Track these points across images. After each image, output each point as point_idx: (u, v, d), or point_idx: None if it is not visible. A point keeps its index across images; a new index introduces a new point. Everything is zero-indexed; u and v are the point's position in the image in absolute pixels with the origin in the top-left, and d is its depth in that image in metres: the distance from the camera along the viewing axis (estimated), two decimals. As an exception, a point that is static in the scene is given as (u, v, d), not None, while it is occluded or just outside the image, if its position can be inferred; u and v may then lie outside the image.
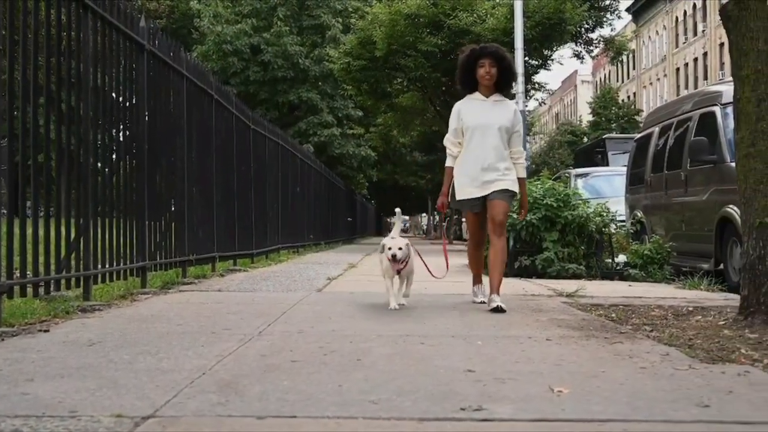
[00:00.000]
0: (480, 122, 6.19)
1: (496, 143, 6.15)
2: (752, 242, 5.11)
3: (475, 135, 6.18)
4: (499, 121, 6.19)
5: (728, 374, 3.33)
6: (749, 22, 5.17)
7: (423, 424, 2.45)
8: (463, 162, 6.24)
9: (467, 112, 6.28)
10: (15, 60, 4.79)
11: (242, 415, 2.53)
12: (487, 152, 6.15)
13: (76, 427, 2.35)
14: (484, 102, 6.30)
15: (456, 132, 6.30)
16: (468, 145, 6.22)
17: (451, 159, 6.34)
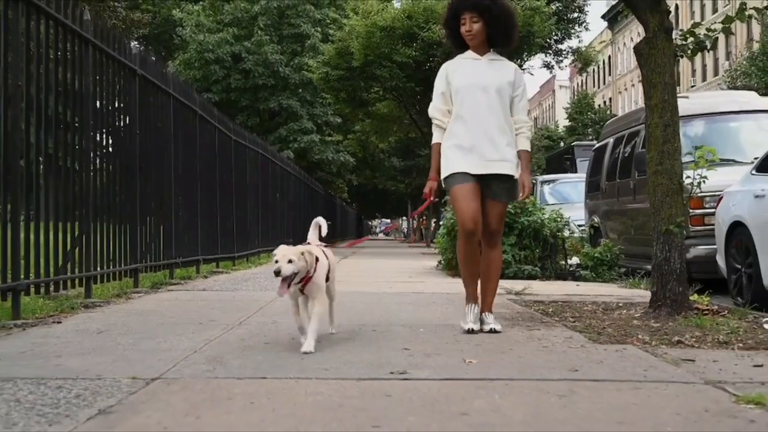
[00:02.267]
0: (472, 82, 5.09)
1: (493, 108, 5.06)
2: (659, 246, 5.99)
3: (467, 98, 5.07)
4: (497, 81, 5.09)
5: (609, 351, 4.22)
6: (657, 59, 6.06)
7: (359, 382, 3.32)
8: (453, 132, 5.11)
9: (456, 72, 5.18)
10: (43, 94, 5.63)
11: (225, 377, 3.39)
12: (482, 119, 5.04)
13: (104, 385, 3.20)
14: (477, 60, 5.20)
15: (443, 97, 5.19)
16: (458, 112, 5.09)
17: (439, 133, 5.22)
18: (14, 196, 5.30)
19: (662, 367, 3.75)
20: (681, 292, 5.92)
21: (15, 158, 5.30)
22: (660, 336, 4.92)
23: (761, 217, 7.28)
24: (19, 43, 5.38)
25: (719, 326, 5.26)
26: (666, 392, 3.16)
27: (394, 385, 3.27)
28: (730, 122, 11.30)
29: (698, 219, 9.39)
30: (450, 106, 5.18)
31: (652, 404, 2.93)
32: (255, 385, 3.23)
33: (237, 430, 2.50)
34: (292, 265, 4.05)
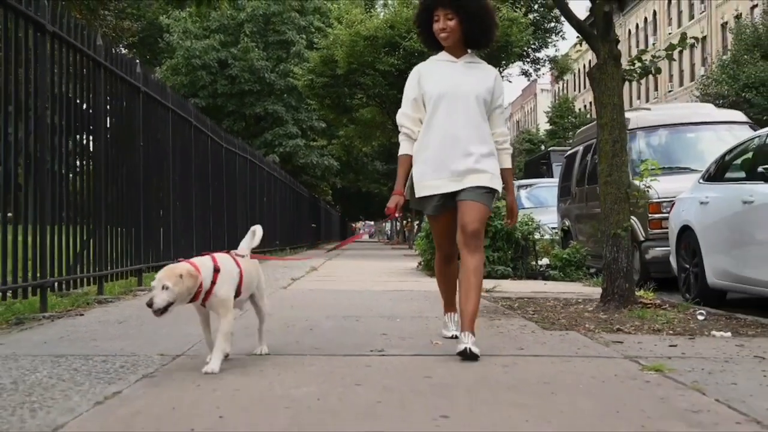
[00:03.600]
0: (448, 89, 4.50)
1: (470, 118, 4.50)
2: (609, 247, 6.80)
3: (441, 106, 4.49)
4: (475, 89, 4.54)
5: (554, 335, 5.04)
6: (607, 83, 6.87)
7: (345, 357, 4.11)
8: (424, 144, 4.54)
9: (430, 77, 4.59)
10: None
11: (237, 354, 4.16)
12: (457, 130, 4.48)
13: (140, 359, 3.97)
14: (453, 63, 4.64)
15: (415, 104, 4.59)
16: (431, 121, 4.52)
17: (407, 143, 4.62)
18: (42, 202, 6.06)
19: (594, 346, 4.56)
20: (628, 288, 6.72)
21: (42, 170, 6.06)
22: (604, 325, 5.72)
23: (705, 221, 8.11)
24: (45, 69, 6.14)
25: (658, 317, 6.06)
26: (589, 364, 3.97)
27: (374, 359, 4.06)
28: (690, 133, 12.13)
29: (656, 223, 10.19)
30: (422, 114, 4.56)
31: (574, 371, 3.74)
32: (262, 359, 4.02)
33: (254, 389, 3.28)
34: (168, 294, 3.56)
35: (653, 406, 2.99)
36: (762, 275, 6.96)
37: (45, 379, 3.42)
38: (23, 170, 5.83)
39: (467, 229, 4.42)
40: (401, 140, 4.67)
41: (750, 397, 3.15)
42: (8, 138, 5.58)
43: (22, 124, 5.82)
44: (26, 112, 5.87)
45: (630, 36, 60.59)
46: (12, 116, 5.69)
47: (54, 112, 6.37)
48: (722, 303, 7.88)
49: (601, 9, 6.81)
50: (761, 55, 28.57)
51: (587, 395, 3.19)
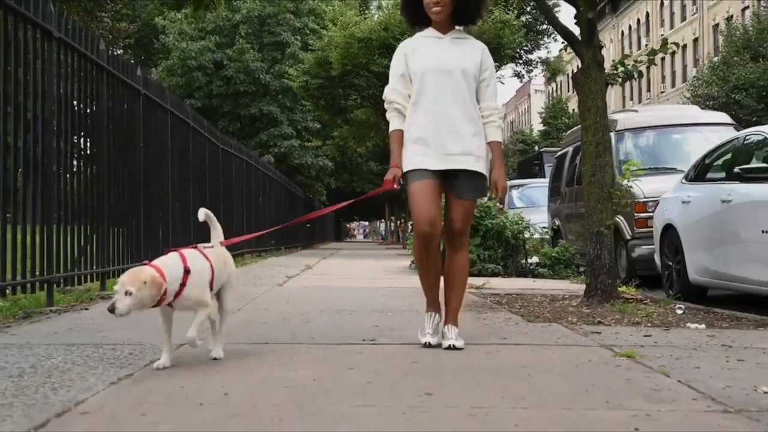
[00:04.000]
0: (434, 64, 4.43)
1: (458, 93, 4.41)
2: (592, 245, 7.09)
3: (428, 82, 4.41)
4: (462, 63, 4.46)
5: (537, 327, 5.32)
6: (591, 87, 7.16)
7: (339, 345, 4.39)
8: (412, 123, 4.44)
9: (416, 53, 4.51)
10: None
11: (238, 343, 4.43)
12: (445, 106, 4.39)
13: (146, 347, 4.25)
14: (439, 40, 4.55)
15: (402, 80, 4.50)
16: (418, 98, 4.43)
17: (399, 118, 4.50)
18: (48, 202, 6.33)
19: (573, 336, 4.85)
20: (610, 284, 7.01)
21: (49, 172, 6.33)
22: (586, 318, 6.00)
23: (687, 220, 8.40)
24: (52, 74, 6.41)
25: (638, 311, 6.34)
26: (567, 351, 4.25)
27: (365, 347, 4.35)
28: (676, 134, 12.42)
29: (642, 222, 10.47)
30: (410, 90, 4.47)
31: (551, 357, 4.03)
32: (261, 348, 4.31)
33: (255, 372, 3.56)
34: (130, 300, 3.46)
35: (620, 385, 3.28)
36: (740, 272, 7.26)
37: (61, 363, 3.69)
38: (31, 172, 6.09)
39: (454, 226, 4.45)
40: (392, 116, 4.53)
41: (710, 379, 3.44)
42: (17, 141, 5.84)
43: (31, 127, 6.08)
44: (34, 116, 6.12)
45: (623, 37, 60.98)
46: (14, 118, 5.95)
47: (59, 116, 6.63)
48: (704, 299, 8.16)
49: (585, 16, 7.10)
50: (750, 56, 28.91)
51: (561, 377, 3.48)
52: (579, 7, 7.19)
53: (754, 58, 28.72)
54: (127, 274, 3.55)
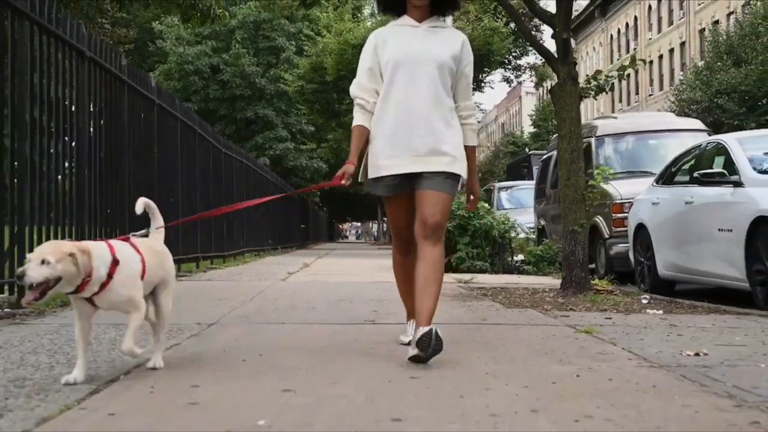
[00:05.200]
0: (407, 56, 4.04)
1: (432, 89, 4.02)
2: (567, 242, 7.88)
3: (399, 75, 4.02)
4: (438, 55, 4.05)
5: (514, 312, 6.13)
6: (566, 100, 7.96)
7: (343, 325, 5.18)
8: (380, 119, 4.06)
9: (387, 43, 4.11)
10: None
11: (256, 323, 5.22)
12: (417, 102, 4.00)
13: (183, 326, 5.02)
14: (414, 28, 4.15)
15: (370, 74, 4.11)
16: (388, 92, 4.04)
17: (361, 113, 4.12)
18: (81, 205, 7.09)
19: (544, 319, 5.66)
20: (583, 277, 7.81)
21: (82, 178, 7.11)
22: (559, 306, 6.79)
23: (656, 220, 9.21)
24: (84, 89, 7.19)
25: (607, 301, 7.13)
26: (536, 329, 5.06)
27: (366, 326, 5.15)
28: (652, 139, 13.24)
29: (619, 222, 11.26)
30: (378, 85, 4.07)
31: (523, 333, 4.83)
32: (277, 326, 5.10)
33: (278, 342, 4.34)
34: (47, 269, 2.91)
35: (573, 351, 4.08)
36: (701, 266, 8.08)
37: (117, 337, 4.46)
38: (71, 179, 6.87)
39: (428, 222, 3.96)
40: (355, 111, 4.15)
41: (648, 347, 4.24)
42: (57, 151, 6.62)
43: (68, 139, 6.86)
44: (71, 128, 6.90)
45: (612, 40, 61.86)
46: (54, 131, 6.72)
47: (90, 127, 7.41)
48: (672, 292, 8.95)
49: (560, 36, 7.90)
50: (733, 62, 29.78)
51: (527, 346, 4.28)
52: (555, 28, 8.00)
53: (736, 64, 29.58)
54: (47, 244, 3.03)
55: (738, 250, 7.19)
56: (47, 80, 6.41)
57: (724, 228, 7.50)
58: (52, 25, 6.40)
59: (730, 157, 7.90)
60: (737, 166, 7.63)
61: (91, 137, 7.41)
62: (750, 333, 4.91)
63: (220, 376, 3.26)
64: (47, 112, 6.41)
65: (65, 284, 2.99)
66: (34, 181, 6.12)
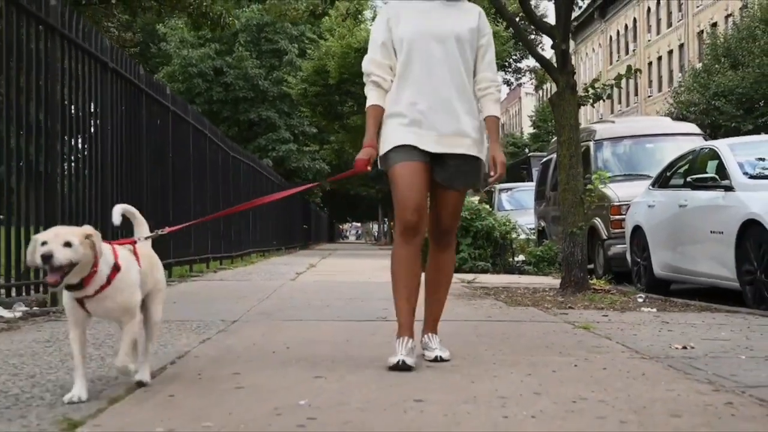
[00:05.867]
0: (423, 30, 3.85)
1: (451, 63, 3.83)
2: (567, 243, 8.26)
3: (416, 51, 3.83)
4: (456, 28, 3.87)
5: (517, 309, 6.51)
6: (565, 107, 8.34)
7: (359, 322, 5.57)
8: (396, 99, 3.86)
9: (402, 17, 3.90)
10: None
11: (277, 320, 5.60)
12: (436, 78, 3.81)
13: (208, 322, 5.39)
14: (429, 2, 3.95)
15: (383, 49, 3.89)
16: (405, 71, 3.85)
17: (376, 91, 3.90)
18: (104, 205, 7.47)
19: (544, 316, 6.04)
20: (582, 277, 8.19)
21: (106, 181, 7.49)
22: (559, 304, 7.17)
23: (652, 222, 9.60)
24: (107, 98, 7.58)
25: (605, 299, 7.51)
26: (537, 325, 5.44)
27: (380, 323, 5.54)
28: (649, 143, 13.62)
29: (617, 223, 11.64)
30: (393, 61, 3.87)
31: (525, 329, 5.21)
32: (297, 322, 5.48)
33: (303, 335, 4.72)
34: (71, 251, 2.75)
35: (571, 344, 4.46)
36: (694, 267, 8.46)
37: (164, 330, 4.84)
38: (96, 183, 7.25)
39: (443, 223, 3.91)
40: (369, 90, 3.91)
41: (640, 341, 4.62)
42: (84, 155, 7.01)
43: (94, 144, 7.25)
44: (96, 135, 7.29)
45: (611, 42, 62.25)
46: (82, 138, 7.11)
47: (118, 133, 7.79)
48: (667, 292, 9.33)
49: (559, 47, 8.28)
50: (730, 64, 30.18)
51: (529, 340, 4.67)
52: (554, 39, 8.38)
53: (733, 67, 29.99)
54: (63, 227, 2.91)
55: (729, 251, 7.57)
56: (75, 91, 6.78)
57: (716, 230, 7.88)
58: (80, 39, 6.78)
59: (722, 162, 8.29)
60: (728, 171, 8.01)
61: (113, 143, 7.78)
62: (735, 329, 5.29)
63: (256, 365, 3.64)
64: (75, 121, 6.79)
65: (79, 270, 2.80)
66: (63, 184, 6.51)
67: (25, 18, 5.85)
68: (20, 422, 2.50)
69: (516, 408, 2.78)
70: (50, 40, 6.24)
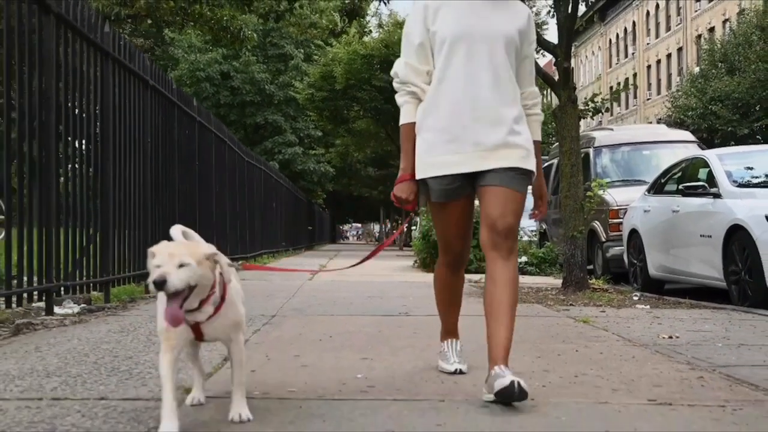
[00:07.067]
0: (468, 29, 3.36)
1: (498, 70, 3.35)
2: (568, 246, 8.95)
3: (458, 53, 3.35)
4: (505, 29, 3.39)
5: (522, 306, 7.18)
6: (567, 120, 9.03)
7: (383, 317, 6.25)
8: (433, 106, 3.38)
9: (441, 13, 3.42)
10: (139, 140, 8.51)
11: (310, 315, 6.29)
12: (482, 86, 3.33)
13: (252, 317, 6.06)
14: None
15: (421, 51, 3.43)
16: (444, 74, 3.38)
17: (413, 105, 3.45)
18: (145, 211, 8.16)
19: (548, 312, 6.73)
20: (582, 277, 8.89)
21: (146, 188, 8.18)
22: (561, 302, 7.87)
23: (647, 226, 10.29)
24: (147, 112, 8.27)
25: (603, 297, 8.21)
26: (542, 319, 6.13)
27: (403, 317, 6.22)
28: (646, 150, 14.31)
29: (615, 227, 12.33)
30: (431, 65, 3.42)
31: (531, 322, 5.90)
32: (329, 317, 6.18)
33: (336, 327, 5.41)
34: (187, 272, 2.45)
35: (572, 334, 5.16)
36: (686, 268, 9.16)
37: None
38: (138, 189, 7.94)
39: (498, 225, 3.28)
40: (404, 102, 3.47)
41: (633, 332, 5.31)
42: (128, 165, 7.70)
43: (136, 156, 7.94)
44: (136, 146, 7.98)
45: (610, 45, 62.98)
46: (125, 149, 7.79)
47: (152, 143, 8.49)
48: (662, 291, 10.02)
49: (561, 65, 8.98)
50: (726, 70, 30.89)
51: (536, 331, 5.36)
52: (557, 57, 9.07)
53: (730, 72, 30.69)
54: (176, 245, 2.57)
55: (717, 254, 8.27)
56: (121, 107, 7.48)
57: (705, 234, 8.58)
58: (127, 60, 7.48)
59: (711, 171, 8.99)
60: (717, 180, 8.70)
61: (152, 153, 8.47)
62: (718, 323, 5.99)
63: (311, 350, 4.34)
64: (123, 134, 7.48)
65: (197, 295, 2.51)
66: (114, 190, 7.20)
67: (81, 43, 6.53)
68: (144, 389, 3.19)
69: (530, 381, 3.47)
70: (104, 64, 6.93)
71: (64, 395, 3.09)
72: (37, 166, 5.77)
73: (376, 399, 3.10)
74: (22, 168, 5.61)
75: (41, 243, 5.76)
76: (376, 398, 3.11)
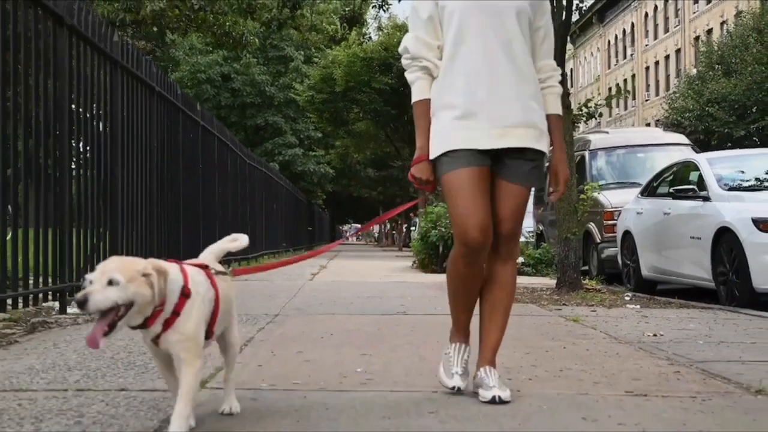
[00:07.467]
0: (478, 2, 3.24)
1: (512, 42, 3.23)
2: (562, 247, 9.22)
3: (470, 27, 3.24)
4: (516, 1, 3.26)
5: (516, 306, 7.40)
6: (560, 125, 9.28)
7: (381, 316, 6.51)
8: (446, 84, 3.27)
9: None
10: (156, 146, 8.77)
11: (311, 314, 6.54)
12: (494, 60, 3.22)
13: (255, 315, 6.33)
14: None
15: (431, 25, 3.32)
16: (456, 49, 3.26)
17: (426, 81, 3.34)
18: (150, 213, 8.43)
19: (541, 311, 6.99)
20: (576, 278, 9.15)
21: (152, 196, 8.44)
22: (554, 302, 8.12)
23: (640, 228, 10.56)
24: (154, 117, 8.53)
25: (595, 297, 8.46)
26: (535, 319, 6.39)
27: (401, 316, 6.48)
28: (641, 153, 14.57)
29: (609, 228, 12.56)
30: (441, 40, 3.30)
31: (525, 321, 6.16)
32: (328, 316, 6.44)
33: (336, 326, 5.67)
34: (115, 291, 2.32)
35: (562, 332, 5.42)
36: (677, 269, 9.42)
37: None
38: (145, 192, 8.21)
39: (503, 227, 3.27)
40: (416, 78, 3.35)
41: (620, 331, 5.57)
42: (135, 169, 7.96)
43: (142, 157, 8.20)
44: (143, 150, 8.24)
45: (609, 46, 63.24)
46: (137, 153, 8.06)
47: (158, 147, 8.75)
48: (654, 292, 10.27)
49: (556, 72, 9.23)
50: (723, 72, 31.15)
51: (528, 329, 5.62)
52: (552, 64, 9.32)
53: (726, 74, 30.95)
54: (113, 260, 2.44)
55: (706, 255, 8.53)
56: (129, 113, 7.74)
57: (695, 236, 8.84)
58: (135, 68, 7.74)
59: (701, 174, 9.25)
60: (706, 183, 8.96)
61: (158, 156, 8.73)
62: (702, 322, 6.25)
63: (313, 347, 4.60)
64: (131, 139, 7.75)
65: (136, 313, 2.40)
66: (122, 193, 7.46)
67: (92, 52, 6.79)
68: (161, 381, 3.45)
69: (517, 374, 3.74)
70: (113, 72, 7.19)
71: (87, 387, 3.36)
72: (51, 171, 6.03)
73: (375, 390, 3.36)
74: (39, 172, 5.87)
75: (55, 244, 6.02)
76: (374, 389, 3.38)
